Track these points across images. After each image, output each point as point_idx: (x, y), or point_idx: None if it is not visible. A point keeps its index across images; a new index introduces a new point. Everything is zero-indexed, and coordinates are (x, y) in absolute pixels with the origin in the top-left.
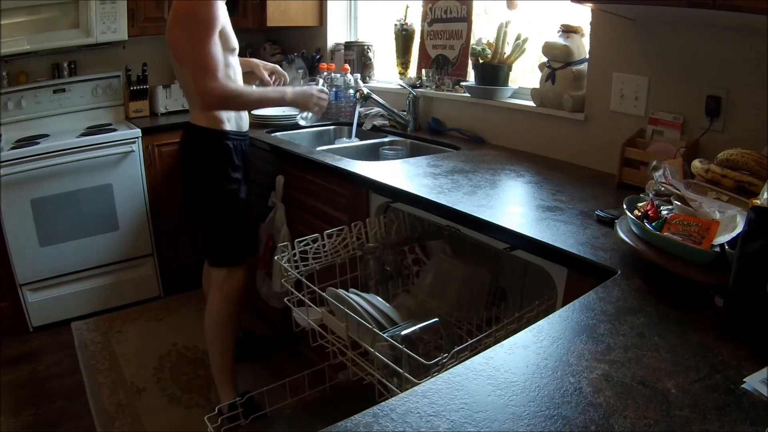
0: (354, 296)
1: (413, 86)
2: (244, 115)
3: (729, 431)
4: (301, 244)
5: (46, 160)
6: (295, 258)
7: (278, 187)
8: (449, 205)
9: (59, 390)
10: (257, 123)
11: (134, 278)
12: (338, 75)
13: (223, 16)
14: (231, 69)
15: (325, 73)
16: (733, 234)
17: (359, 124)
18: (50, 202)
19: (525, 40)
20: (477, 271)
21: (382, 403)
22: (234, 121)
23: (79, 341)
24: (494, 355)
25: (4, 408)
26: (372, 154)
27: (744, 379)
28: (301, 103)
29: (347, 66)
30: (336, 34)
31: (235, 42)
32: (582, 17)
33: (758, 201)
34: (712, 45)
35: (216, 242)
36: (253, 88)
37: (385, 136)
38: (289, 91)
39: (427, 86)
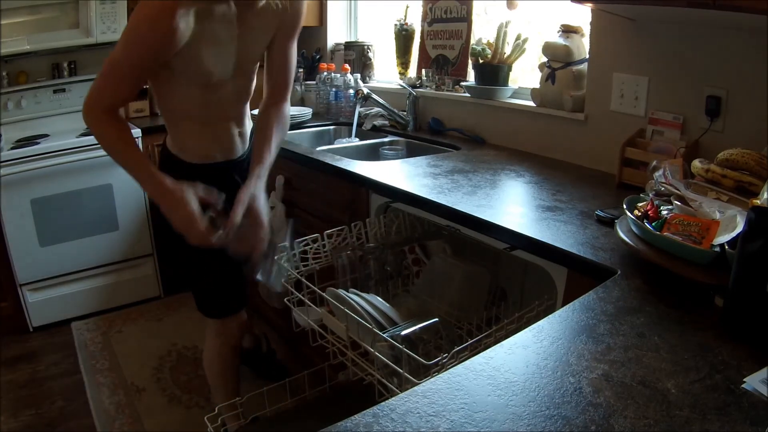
0: (354, 296)
1: (413, 86)
2: (227, 137)
3: (729, 431)
4: (301, 244)
5: (46, 160)
6: (295, 258)
7: (278, 187)
8: (449, 205)
9: (59, 390)
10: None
11: (134, 278)
12: (338, 75)
13: (191, 32)
14: (201, 107)
15: (325, 73)
16: (733, 234)
17: (359, 124)
18: (50, 202)
19: (525, 40)
20: (477, 271)
21: (382, 403)
22: (198, 148)
23: (79, 341)
24: (494, 355)
25: (4, 408)
26: (372, 154)
27: (744, 379)
28: (164, 206)
29: (347, 66)
30: (336, 34)
31: (206, 66)
32: (582, 17)
33: (758, 201)
34: (712, 45)
35: (201, 294)
36: (131, 145)
37: (385, 136)
38: (163, 181)
39: (427, 86)
